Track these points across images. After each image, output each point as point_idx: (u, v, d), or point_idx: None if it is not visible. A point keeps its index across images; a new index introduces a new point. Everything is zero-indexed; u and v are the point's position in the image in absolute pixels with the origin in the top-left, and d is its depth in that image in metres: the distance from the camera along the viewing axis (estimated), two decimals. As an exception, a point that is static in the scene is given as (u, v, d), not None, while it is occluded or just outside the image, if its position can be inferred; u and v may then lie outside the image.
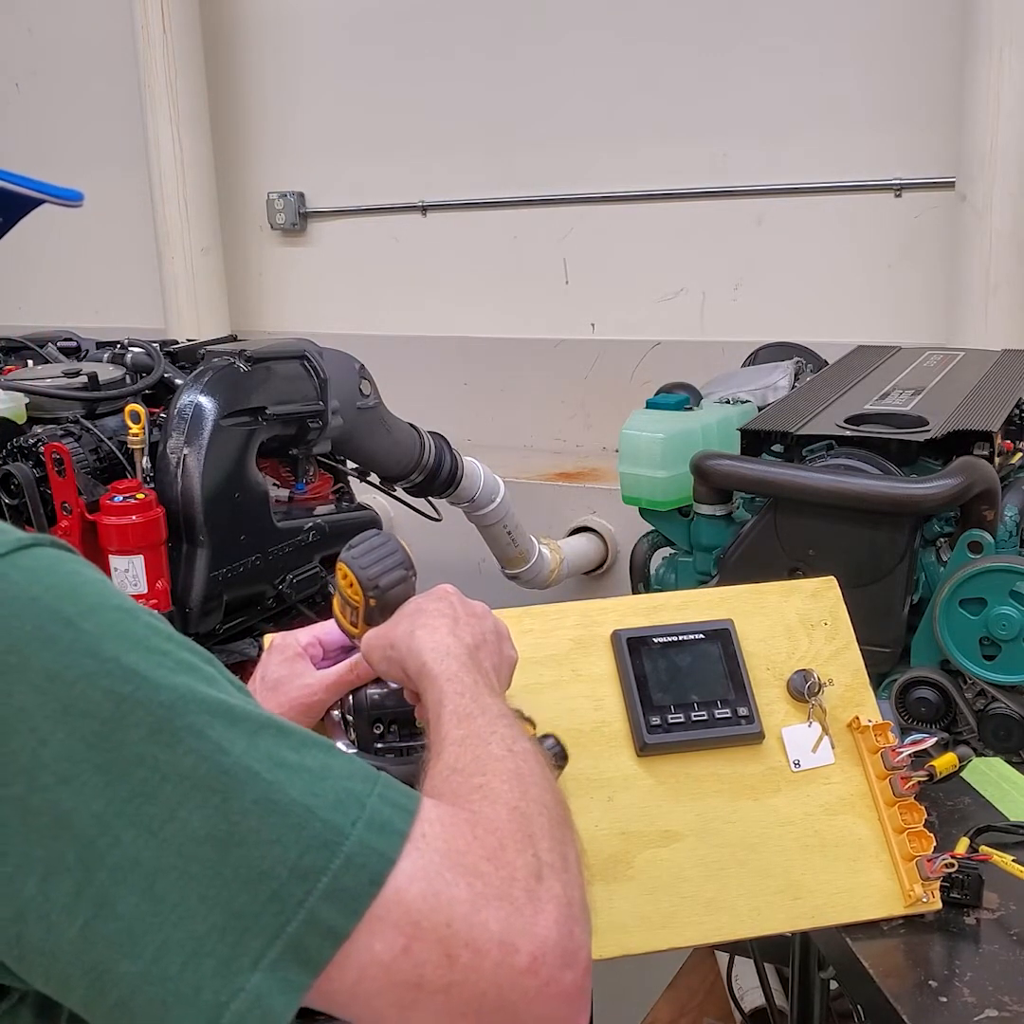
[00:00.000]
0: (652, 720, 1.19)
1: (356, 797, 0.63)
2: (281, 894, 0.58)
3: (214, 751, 0.60)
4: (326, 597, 2.67)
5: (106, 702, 0.59)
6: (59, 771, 0.57)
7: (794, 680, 1.24)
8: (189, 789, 0.59)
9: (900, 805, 1.19)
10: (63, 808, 0.57)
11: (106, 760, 0.58)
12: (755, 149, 3.73)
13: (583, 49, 3.92)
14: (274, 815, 0.60)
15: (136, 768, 0.58)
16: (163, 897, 0.57)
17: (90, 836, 0.57)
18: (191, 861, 0.58)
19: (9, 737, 0.57)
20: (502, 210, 4.17)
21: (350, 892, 0.60)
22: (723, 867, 1.16)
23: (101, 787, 0.58)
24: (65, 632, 0.60)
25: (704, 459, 2.04)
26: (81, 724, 0.58)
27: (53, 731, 0.58)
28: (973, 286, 3.22)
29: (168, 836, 0.58)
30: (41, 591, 0.61)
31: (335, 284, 4.56)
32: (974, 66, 3.14)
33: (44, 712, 0.58)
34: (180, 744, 0.59)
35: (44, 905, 0.57)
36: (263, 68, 4.54)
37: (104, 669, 0.60)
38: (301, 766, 0.62)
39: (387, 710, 1.05)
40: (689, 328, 3.91)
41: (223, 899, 0.58)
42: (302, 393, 2.47)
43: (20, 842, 0.57)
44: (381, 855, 0.61)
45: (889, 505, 1.82)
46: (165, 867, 0.57)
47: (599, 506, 3.60)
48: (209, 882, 0.58)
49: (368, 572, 0.99)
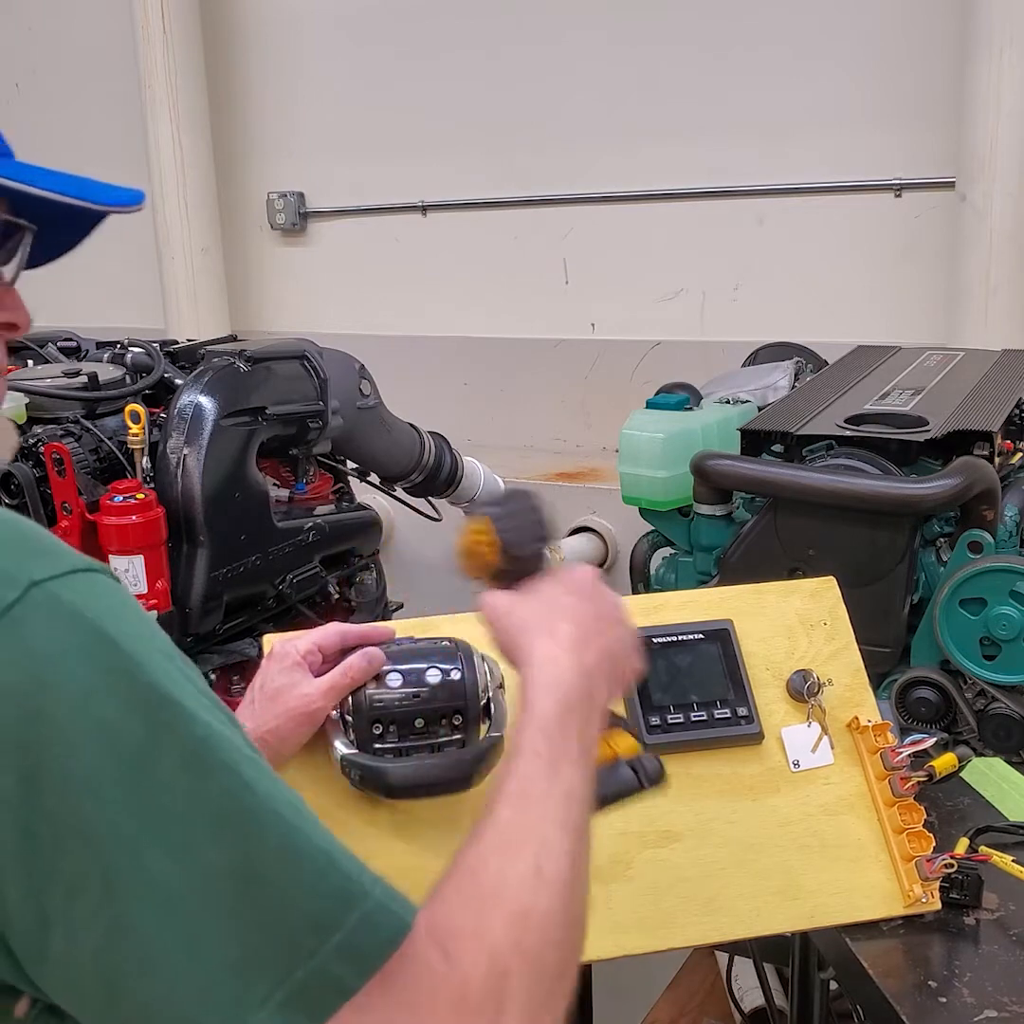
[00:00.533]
0: (652, 720, 1.19)
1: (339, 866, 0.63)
2: (295, 940, 0.59)
3: (242, 789, 0.60)
4: (326, 597, 2.67)
5: (142, 725, 0.59)
6: (90, 788, 0.58)
7: (794, 680, 1.24)
8: (216, 822, 0.59)
9: (899, 805, 1.19)
10: (91, 825, 0.57)
11: (137, 782, 0.58)
12: (755, 149, 3.73)
13: (583, 49, 3.92)
14: (296, 860, 0.60)
15: (166, 795, 0.59)
16: (182, 925, 0.57)
17: (116, 856, 0.57)
18: (211, 893, 0.58)
19: (44, 749, 0.57)
20: (502, 210, 4.17)
21: (363, 951, 0.60)
22: (722, 867, 1.16)
23: (130, 809, 0.58)
24: (108, 652, 0.60)
25: (704, 459, 2.04)
26: (115, 743, 0.58)
27: (87, 746, 0.58)
28: (973, 286, 3.22)
29: (191, 865, 0.58)
30: (89, 612, 0.61)
31: (335, 284, 4.56)
32: (974, 66, 3.14)
33: (79, 727, 0.58)
34: (211, 777, 0.60)
35: (67, 918, 0.57)
36: (263, 68, 4.54)
37: (143, 693, 0.60)
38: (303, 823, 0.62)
39: (386, 710, 1.05)
40: (689, 328, 3.91)
41: (239, 935, 0.58)
42: (302, 393, 2.47)
43: (49, 854, 0.57)
44: (399, 917, 0.61)
45: (889, 505, 1.82)
46: (186, 895, 0.58)
47: (599, 506, 3.60)
48: (227, 916, 0.58)
49: (509, 536, 0.92)
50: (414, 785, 1.05)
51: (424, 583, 3.58)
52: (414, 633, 1.14)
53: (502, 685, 1.10)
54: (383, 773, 1.04)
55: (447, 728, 1.05)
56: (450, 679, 1.06)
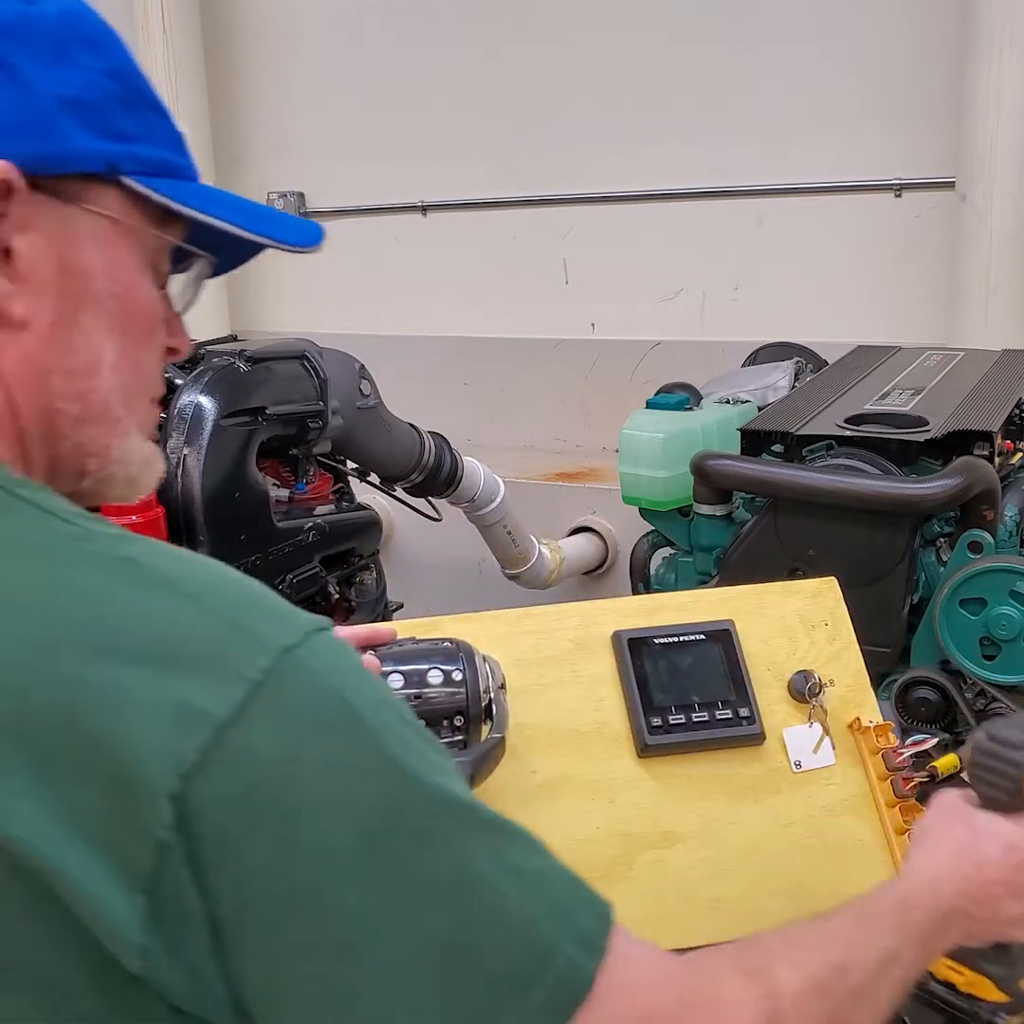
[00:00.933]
0: (653, 721, 1.19)
1: (566, 908, 0.65)
2: (499, 1002, 0.61)
3: (461, 860, 0.62)
4: (326, 597, 2.67)
5: (382, 801, 0.61)
6: (331, 859, 0.59)
7: (795, 681, 1.24)
8: (437, 894, 0.61)
9: (901, 806, 1.19)
10: (333, 896, 0.59)
11: (376, 859, 0.60)
12: (755, 149, 3.73)
13: (583, 49, 3.92)
14: (501, 925, 0.62)
15: (399, 871, 0.60)
16: (402, 994, 0.60)
17: (352, 930, 0.59)
18: (430, 965, 0.60)
19: (297, 822, 0.59)
20: (502, 210, 4.17)
21: (556, 1006, 0.62)
22: (724, 868, 1.16)
23: (369, 885, 0.60)
24: (356, 727, 0.62)
25: (704, 459, 2.04)
26: (359, 819, 0.60)
27: (332, 820, 0.59)
28: (973, 286, 3.22)
29: (414, 939, 0.60)
30: (333, 680, 0.63)
31: (335, 284, 4.56)
32: (974, 66, 3.14)
33: (329, 801, 0.60)
34: (437, 852, 0.62)
35: (300, 986, 0.59)
36: (263, 68, 4.54)
37: (385, 768, 0.62)
38: (526, 873, 0.65)
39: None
40: (689, 328, 3.91)
41: (453, 1004, 0.60)
42: (302, 393, 2.47)
43: (288, 921, 0.59)
44: (584, 973, 0.63)
45: (889, 505, 1.83)
46: (408, 967, 0.60)
47: (599, 506, 3.60)
48: (443, 987, 0.60)
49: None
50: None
51: (424, 583, 3.58)
52: (416, 633, 1.14)
53: (504, 686, 1.10)
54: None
55: (448, 729, 1.05)
56: (452, 680, 1.06)
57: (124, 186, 0.73)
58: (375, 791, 0.61)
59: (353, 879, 0.59)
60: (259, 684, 0.60)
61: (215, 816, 0.58)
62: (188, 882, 0.57)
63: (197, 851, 0.57)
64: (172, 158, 0.76)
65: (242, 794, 0.58)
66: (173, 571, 0.64)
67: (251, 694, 0.59)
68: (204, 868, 0.58)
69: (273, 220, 0.83)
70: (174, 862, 0.57)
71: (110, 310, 0.73)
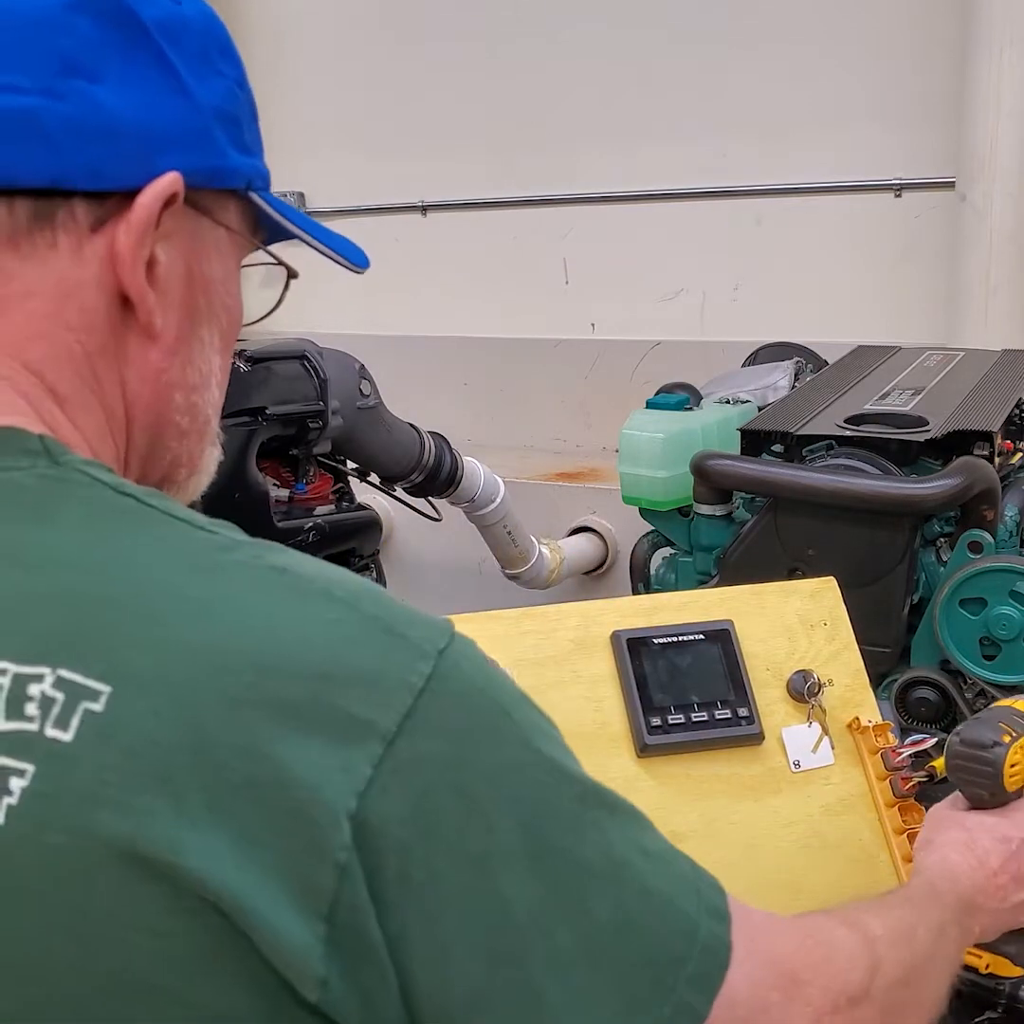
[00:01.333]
0: (652, 721, 1.19)
1: (692, 882, 0.68)
2: (660, 979, 0.62)
3: (607, 844, 0.64)
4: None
5: (535, 792, 0.62)
6: (503, 860, 0.60)
7: (794, 681, 1.24)
8: (593, 880, 0.62)
9: (900, 806, 1.19)
10: (505, 897, 0.59)
11: (536, 850, 0.61)
12: (755, 149, 3.73)
13: (583, 49, 3.92)
14: (650, 907, 0.64)
15: (557, 859, 0.61)
16: (578, 985, 0.60)
17: (526, 926, 0.59)
18: (596, 950, 0.61)
19: (465, 825, 0.59)
20: (502, 210, 4.17)
21: (708, 977, 0.64)
22: (723, 868, 1.15)
23: (534, 877, 0.60)
24: (507, 724, 0.63)
25: (704, 459, 2.04)
26: (518, 813, 0.61)
27: (500, 820, 0.60)
28: (973, 286, 3.22)
29: (581, 926, 0.61)
30: (484, 683, 0.64)
31: (335, 284, 4.54)
32: (974, 66, 3.14)
33: (493, 801, 0.60)
34: (586, 837, 0.63)
35: (485, 993, 0.59)
36: (262, 68, 4.54)
37: (535, 760, 0.63)
38: (654, 853, 0.67)
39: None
40: (689, 328, 3.91)
41: (619, 986, 0.61)
42: (302, 393, 2.47)
43: (467, 925, 0.59)
44: (723, 942, 0.66)
45: (889, 505, 1.83)
46: (580, 956, 0.61)
47: (599, 506, 3.60)
48: (608, 970, 0.61)
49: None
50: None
51: (424, 583, 3.58)
52: (415, 634, 1.14)
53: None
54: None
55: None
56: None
57: (245, 199, 0.74)
58: (526, 784, 0.62)
59: (522, 877, 0.60)
60: (422, 691, 0.59)
61: (393, 830, 0.57)
62: (367, 904, 0.56)
63: (377, 868, 0.56)
64: (266, 168, 0.78)
65: (416, 804, 0.58)
66: (322, 578, 0.66)
67: (416, 702, 0.59)
68: (383, 886, 0.57)
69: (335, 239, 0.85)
70: (355, 884, 0.56)
71: (221, 323, 0.75)
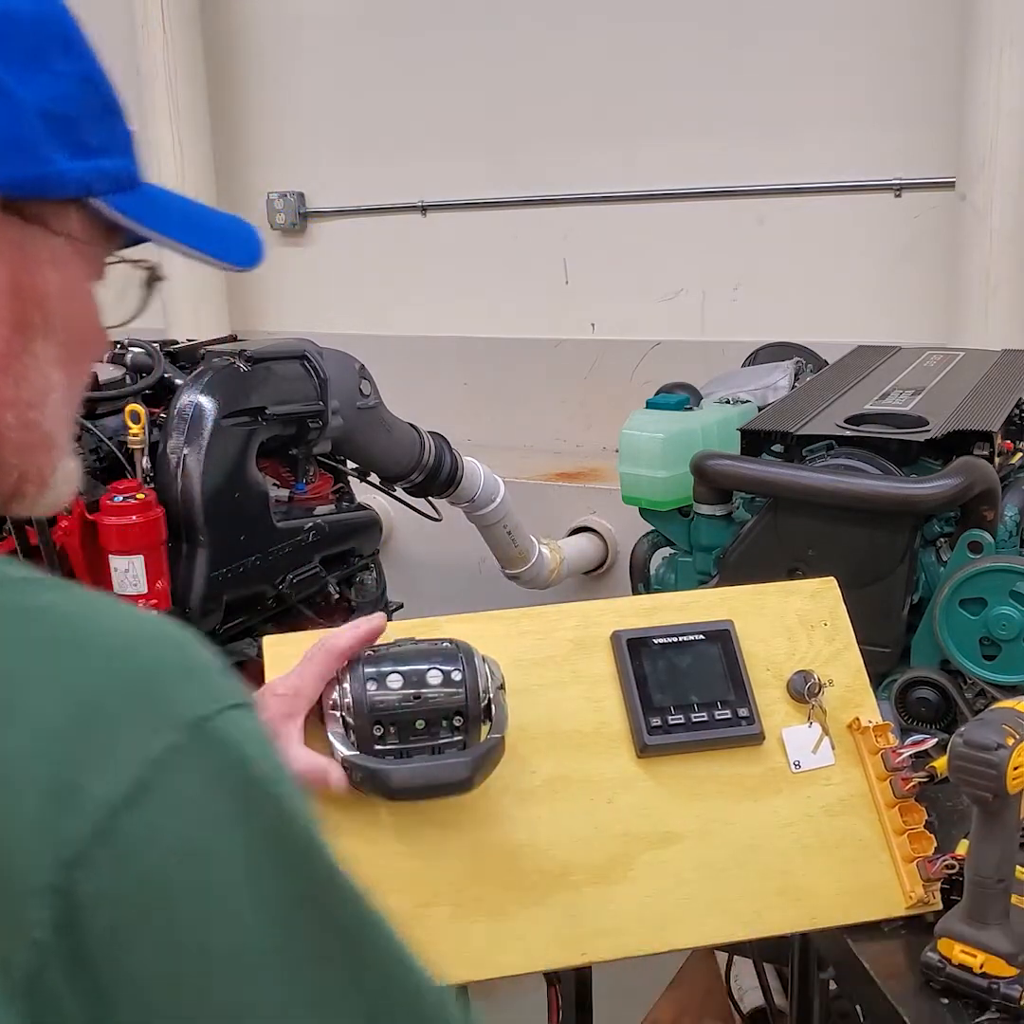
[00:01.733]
0: (652, 721, 1.19)
1: (447, 1000, 0.63)
2: None
3: (365, 946, 0.58)
4: (326, 597, 2.67)
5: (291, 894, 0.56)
6: (249, 964, 0.53)
7: (794, 681, 1.24)
8: (349, 980, 0.57)
9: (900, 806, 1.19)
10: (245, 1002, 0.54)
11: (287, 950, 0.55)
12: (755, 149, 3.73)
13: (583, 49, 3.92)
14: (414, 1006, 0.60)
15: (310, 962, 0.56)
16: None
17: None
18: None
19: (199, 921, 0.52)
20: (502, 210, 4.17)
21: None
22: (724, 868, 1.16)
23: (281, 979, 0.54)
24: (257, 807, 0.55)
25: (704, 459, 2.03)
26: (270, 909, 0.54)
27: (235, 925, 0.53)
28: (973, 286, 3.22)
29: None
30: (245, 761, 0.55)
31: (335, 284, 4.56)
32: (974, 66, 3.14)
33: (229, 900, 0.53)
34: (344, 936, 0.57)
35: None
36: (263, 68, 4.54)
37: (293, 859, 0.56)
38: (417, 961, 0.63)
39: (387, 711, 1.05)
40: (689, 328, 3.91)
41: None
42: (302, 393, 2.48)
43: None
44: None
45: (889, 505, 1.82)
46: None
47: (599, 506, 3.60)
48: None
49: None
50: (415, 787, 1.05)
51: (424, 583, 3.58)
52: (415, 634, 1.14)
53: (503, 686, 1.10)
54: (384, 775, 1.04)
55: (448, 729, 1.05)
56: (451, 680, 1.06)
57: (89, 205, 0.67)
58: (282, 884, 0.55)
59: (265, 975, 0.53)
60: (160, 763, 0.52)
61: (103, 912, 0.50)
62: (72, 989, 0.50)
63: (83, 952, 0.50)
64: (126, 165, 0.70)
65: (135, 888, 0.50)
66: (87, 625, 0.56)
67: (150, 773, 0.51)
68: (92, 971, 0.50)
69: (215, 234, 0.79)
70: (56, 965, 0.49)
71: (61, 336, 0.69)
